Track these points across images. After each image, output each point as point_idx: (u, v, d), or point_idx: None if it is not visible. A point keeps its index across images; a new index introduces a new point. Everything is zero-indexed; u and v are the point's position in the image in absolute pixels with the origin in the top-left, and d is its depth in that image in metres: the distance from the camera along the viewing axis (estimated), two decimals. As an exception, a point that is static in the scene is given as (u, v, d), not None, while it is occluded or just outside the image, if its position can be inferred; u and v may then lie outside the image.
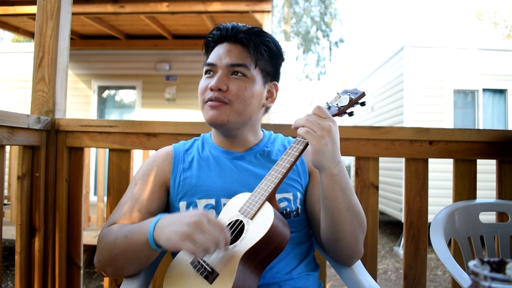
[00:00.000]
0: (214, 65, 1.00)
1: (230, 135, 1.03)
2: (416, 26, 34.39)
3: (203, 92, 1.00)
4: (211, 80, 0.98)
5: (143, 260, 0.88)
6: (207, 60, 1.03)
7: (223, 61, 0.98)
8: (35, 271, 1.42)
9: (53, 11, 1.50)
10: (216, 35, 1.03)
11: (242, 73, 0.98)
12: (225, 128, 1.00)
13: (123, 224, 0.92)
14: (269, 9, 4.16)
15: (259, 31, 1.03)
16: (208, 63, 1.01)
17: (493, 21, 19.31)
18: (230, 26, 1.02)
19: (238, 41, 1.01)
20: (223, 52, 1.00)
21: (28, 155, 1.42)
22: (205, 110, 0.99)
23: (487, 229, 1.28)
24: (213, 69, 1.00)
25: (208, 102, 0.98)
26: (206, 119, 0.99)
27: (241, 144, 1.05)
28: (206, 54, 1.06)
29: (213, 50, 1.03)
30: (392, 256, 4.99)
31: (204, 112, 1.00)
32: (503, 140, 1.42)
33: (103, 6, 4.32)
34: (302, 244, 1.00)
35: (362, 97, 0.91)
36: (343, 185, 0.87)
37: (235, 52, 0.99)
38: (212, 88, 0.96)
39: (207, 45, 1.06)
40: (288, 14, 17.29)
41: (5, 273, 3.70)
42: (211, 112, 0.97)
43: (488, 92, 5.57)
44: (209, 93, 0.97)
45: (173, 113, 5.92)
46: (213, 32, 1.04)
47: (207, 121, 0.99)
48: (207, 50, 1.06)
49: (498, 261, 0.40)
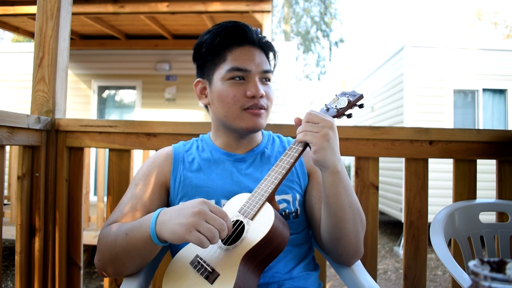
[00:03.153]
0: (248, 71, 0.96)
1: (246, 137, 1.04)
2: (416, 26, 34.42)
3: (239, 99, 0.95)
4: (243, 86, 0.96)
5: (145, 257, 0.87)
6: (235, 65, 0.95)
7: (258, 68, 0.97)
8: (35, 271, 1.42)
9: (53, 11, 1.50)
10: (238, 38, 0.97)
11: (269, 79, 1.01)
12: (255, 132, 1.02)
13: (123, 223, 0.92)
14: (269, 9, 4.16)
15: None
16: (240, 68, 0.95)
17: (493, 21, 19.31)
18: (252, 29, 0.99)
19: (260, 46, 1.00)
20: (253, 56, 0.97)
21: (28, 155, 1.42)
22: (247, 118, 0.96)
23: (487, 229, 1.28)
24: (245, 74, 0.96)
25: (251, 109, 0.96)
26: (245, 127, 0.97)
27: (245, 146, 1.05)
28: (217, 53, 0.98)
29: (230, 50, 0.97)
30: (392, 256, 4.99)
31: (243, 119, 0.96)
32: (503, 140, 1.42)
33: (103, 6, 4.32)
34: (301, 246, 1.00)
35: (360, 99, 0.91)
36: (345, 182, 0.87)
37: (262, 57, 1.00)
38: (262, 96, 0.96)
39: (224, 44, 0.97)
40: (288, 14, 17.28)
41: (5, 273, 3.70)
42: (257, 119, 0.97)
43: (488, 92, 5.57)
44: (250, 102, 0.95)
45: (173, 113, 5.92)
46: (231, 33, 0.97)
47: (246, 129, 0.97)
48: (221, 48, 0.98)
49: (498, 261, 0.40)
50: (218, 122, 1.04)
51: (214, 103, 1.00)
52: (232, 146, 1.05)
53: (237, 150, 1.05)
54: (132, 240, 0.84)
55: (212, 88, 1.00)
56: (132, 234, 0.84)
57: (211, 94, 1.01)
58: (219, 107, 0.99)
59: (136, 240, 0.83)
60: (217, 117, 1.02)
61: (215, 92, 0.99)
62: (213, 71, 1.00)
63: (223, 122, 1.01)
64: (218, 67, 0.98)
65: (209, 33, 1.00)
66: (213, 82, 1.00)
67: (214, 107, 1.01)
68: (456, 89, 5.50)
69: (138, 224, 0.85)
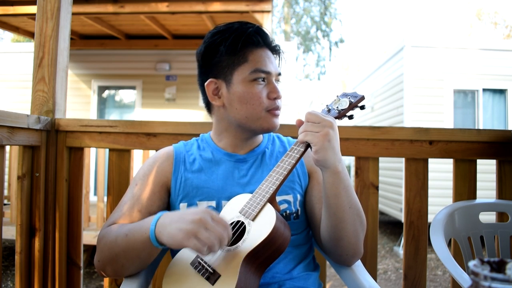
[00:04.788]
0: (269, 73, 0.99)
1: (252, 138, 1.05)
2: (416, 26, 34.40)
3: (263, 101, 0.97)
4: (265, 88, 0.98)
5: (144, 259, 0.87)
6: (259, 66, 0.96)
7: (277, 69, 1.02)
8: (35, 271, 1.42)
9: (53, 11, 1.50)
10: (261, 41, 0.99)
11: (279, 81, 1.04)
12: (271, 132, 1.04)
13: (123, 224, 0.92)
14: (269, 9, 4.16)
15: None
16: (264, 70, 0.97)
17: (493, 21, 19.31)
18: (267, 32, 1.03)
19: (273, 49, 1.03)
20: (271, 59, 1.01)
21: (28, 155, 1.42)
22: (269, 118, 0.99)
23: (487, 229, 1.28)
24: (266, 77, 0.99)
25: (273, 111, 0.99)
26: (267, 128, 0.99)
27: (248, 146, 1.05)
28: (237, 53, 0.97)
29: (251, 51, 0.97)
30: (392, 256, 4.99)
31: (266, 120, 0.99)
32: (503, 140, 1.42)
33: (103, 6, 4.32)
34: (302, 246, 1.00)
35: (361, 101, 0.91)
36: (346, 182, 0.87)
37: (276, 60, 1.04)
38: (280, 97, 1.00)
39: (245, 45, 0.97)
40: (288, 14, 17.29)
41: (5, 273, 3.70)
42: (276, 120, 1.00)
43: (488, 92, 5.57)
44: (274, 103, 0.99)
45: (173, 113, 5.92)
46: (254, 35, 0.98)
47: (267, 129, 1.00)
48: (243, 49, 0.97)
49: (498, 261, 0.40)
50: (232, 123, 1.01)
51: (233, 104, 0.98)
52: (236, 146, 1.05)
53: (240, 151, 1.05)
54: (132, 241, 0.84)
55: (231, 89, 0.98)
56: (132, 235, 0.84)
57: (229, 96, 0.98)
58: (241, 108, 0.97)
59: (135, 241, 0.83)
60: (235, 119, 0.99)
61: (236, 94, 0.97)
62: (231, 71, 0.97)
63: (240, 124, 1.00)
64: (239, 68, 0.97)
65: (225, 33, 0.98)
66: (232, 83, 0.98)
67: (233, 108, 0.98)
68: (456, 89, 5.50)
69: (139, 225, 0.85)
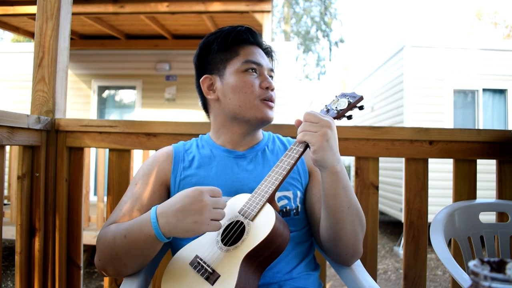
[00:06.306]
0: (261, 66, 1.03)
1: (250, 134, 1.06)
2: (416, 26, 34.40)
3: (256, 89, 1.00)
4: (257, 78, 1.02)
5: (147, 255, 0.87)
6: (250, 58, 1.02)
7: (268, 65, 1.06)
8: (35, 271, 1.42)
9: (53, 11, 1.50)
10: (251, 38, 1.04)
11: (272, 78, 1.07)
12: (266, 125, 1.06)
13: (119, 223, 0.92)
14: (269, 9, 4.16)
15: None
16: (255, 62, 1.02)
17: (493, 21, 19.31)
18: (258, 33, 1.07)
19: (264, 49, 1.08)
20: (262, 56, 1.06)
21: (28, 155, 1.42)
22: (262, 108, 1.01)
23: (487, 229, 1.28)
24: (258, 68, 1.03)
25: (267, 101, 1.02)
26: (261, 117, 1.01)
27: (248, 142, 1.06)
28: (229, 49, 1.03)
29: (243, 47, 1.03)
30: (392, 256, 4.99)
31: (259, 109, 1.01)
32: (503, 140, 1.42)
33: (103, 6, 4.32)
34: (303, 244, 1.00)
35: (360, 101, 0.92)
36: (345, 183, 0.87)
37: (267, 58, 1.08)
38: (273, 89, 1.03)
39: (236, 41, 1.03)
40: (288, 14, 17.29)
41: (5, 273, 3.70)
42: (270, 111, 1.02)
43: (488, 92, 5.57)
44: (266, 93, 1.01)
45: (173, 113, 5.92)
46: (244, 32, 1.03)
47: (260, 119, 1.01)
48: (234, 45, 1.03)
49: (498, 261, 0.40)
50: (227, 116, 1.04)
51: (227, 95, 1.02)
52: (235, 143, 1.05)
53: (239, 148, 1.05)
54: (132, 240, 0.84)
55: (225, 81, 1.02)
56: (131, 235, 0.84)
57: (223, 87, 1.02)
58: (234, 97, 1.01)
59: (136, 239, 0.83)
60: (229, 110, 1.02)
61: (229, 84, 1.01)
62: (224, 65, 1.03)
63: (235, 114, 1.02)
64: (231, 61, 1.02)
65: (217, 33, 1.05)
66: (225, 75, 1.02)
67: (227, 100, 1.02)
68: (456, 89, 5.50)
69: (137, 224, 0.85)
